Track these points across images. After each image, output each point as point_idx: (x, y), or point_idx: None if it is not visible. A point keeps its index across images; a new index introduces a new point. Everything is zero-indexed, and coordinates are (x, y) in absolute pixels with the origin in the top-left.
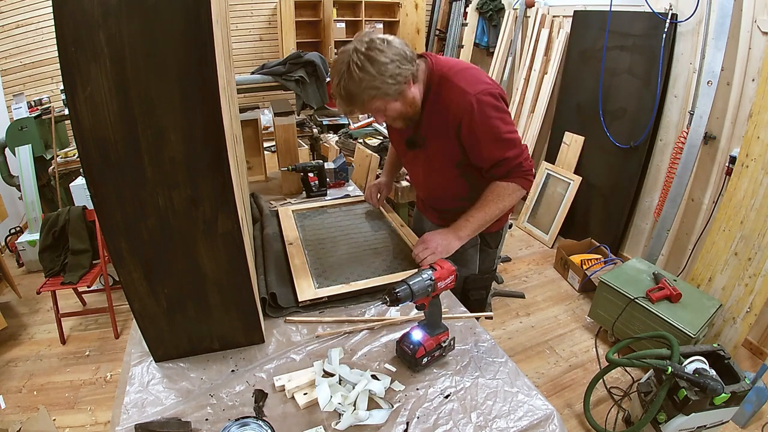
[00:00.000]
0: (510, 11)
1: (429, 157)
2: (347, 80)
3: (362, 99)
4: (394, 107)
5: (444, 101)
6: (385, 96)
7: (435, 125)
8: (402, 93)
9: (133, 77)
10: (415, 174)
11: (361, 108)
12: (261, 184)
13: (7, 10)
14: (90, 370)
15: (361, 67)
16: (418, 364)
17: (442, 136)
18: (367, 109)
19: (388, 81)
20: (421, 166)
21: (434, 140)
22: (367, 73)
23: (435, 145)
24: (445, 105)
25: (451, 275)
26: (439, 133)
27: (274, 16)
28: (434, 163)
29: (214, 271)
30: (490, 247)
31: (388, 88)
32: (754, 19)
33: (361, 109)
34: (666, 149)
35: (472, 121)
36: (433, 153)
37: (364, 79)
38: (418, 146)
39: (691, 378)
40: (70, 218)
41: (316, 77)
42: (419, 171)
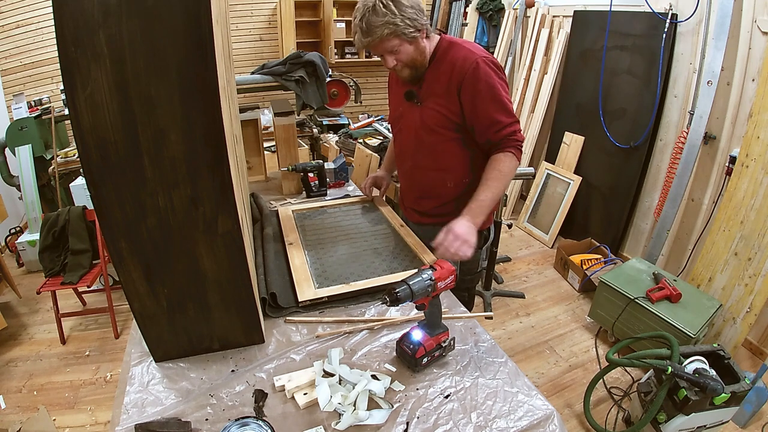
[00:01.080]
0: (510, 11)
1: (424, 117)
2: (371, 14)
3: (381, 33)
4: (406, 50)
5: (450, 60)
6: (401, 35)
7: (437, 82)
8: (416, 39)
9: (133, 77)
10: (405, 141)
11: (378, 43)
12: (261, 184)
13: (7, 10)
14: (90, 370)
15: (386, 5)
16: (418, 364)
17: (442, 94)
18: (382, 46)
19: (407, 22)
20: (414, 128)
21: (433, 97)
22: (390, 11)
23: (433, 102)
24: (451, 63)
25: (451, 275)
26: (440, 91)
27: (274, 16)
28: (428, 121)
29: (214, 271)
30: (478, 248)
31: (406, 29)
32: (754, 19)
33: (377, 44)
34: (666, 149)
35: (476, 77)
36: (430, 111)
37: (387, 14)
38: (416, 100)
39: (691, 378)
40: (70, 218)
41: (316, 77)
42: (410, 136)
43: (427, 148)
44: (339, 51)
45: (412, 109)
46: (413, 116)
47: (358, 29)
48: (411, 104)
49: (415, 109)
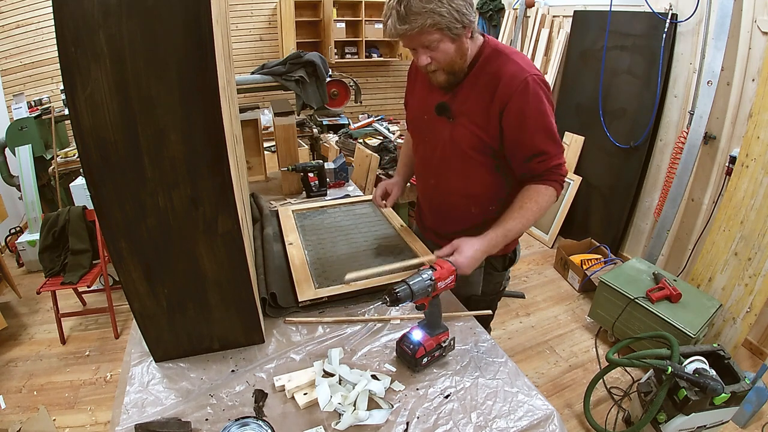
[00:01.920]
0: (510, 11)
1: (455, 136)
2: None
3: (422, 22)
4: (446, 49)
5: (493, 73)
6: (445, 29)
7: (475, 98)
8: (459, 38)
9: (133, 77)
10: (429, 155)
11: (415, 34)
12: (261, 184)
13: (7, 10)
14: (90, 370)
15: None
16: (418, 364)
17: (480, 114)
18: (419, 39)
19: (454, 15)
20: (441, 145)
21: (469, 115)
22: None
23: (467, 121)
24: (494, 76)
25: (451, 275)
26: (477, 109)
27: (274, 16)
28: (461, 142)
29: (214, 271)
30: (496, 270)
31: (452, 23)
32: (754, 19)
33: (413, 34)
34: (666, 149)
35: (524, 100)
36: (463, 131)
37: (433, 1)
38: (447, 116)
39: (691, 378)
40: (70, 218)
41: (316, 77)
42: (436, 152)
43: (454, 170)
44: (339, 51)
45: (441, 123)
46: (442, 132)
47: (393, 12)
48: (442, 118)
49: (445, 125)
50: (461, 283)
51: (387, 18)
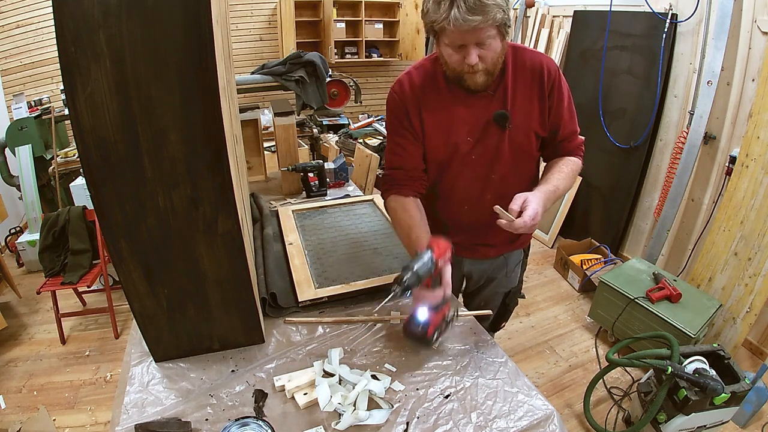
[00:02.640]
0: (510, 11)
1: (516, 141)
2: None
3: (493, 16)
4: (496, 46)
5: (531, 65)
6: (501, 26)
7: (523, 94)
8: (506, 37)
9: (133, 77)
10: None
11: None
12: (261, 184)
13: (7, 10)
14: (90, 370)
15: None
16: (430, 342)
17: (532, 107)
18: (481, 33)
19: (508, 13)
20: (499, 160)
21: (522, 114)
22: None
23: (523, 120)
24: (535, 67)
25: (447, 250)
26: (531, 104)
27: (274, 16)
28: (523, 145)
29: (214, 271)
30: (526, 257)
31: (507, 20)
32: (754, 19)
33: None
34: (666, 149)
35: (560, 83)
36: (522, 132)
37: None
38: (506, 124)
39: (691, 378)
40: (70, 218)
41: (316, 77)
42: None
43: (516, 177)
44: (339, 51)
45: (494, 133)
46: (498, 142)
47: (462, 2)
48: (495, 128)
49: (503, 134)
50: (505, 283)
51: (451, 7)
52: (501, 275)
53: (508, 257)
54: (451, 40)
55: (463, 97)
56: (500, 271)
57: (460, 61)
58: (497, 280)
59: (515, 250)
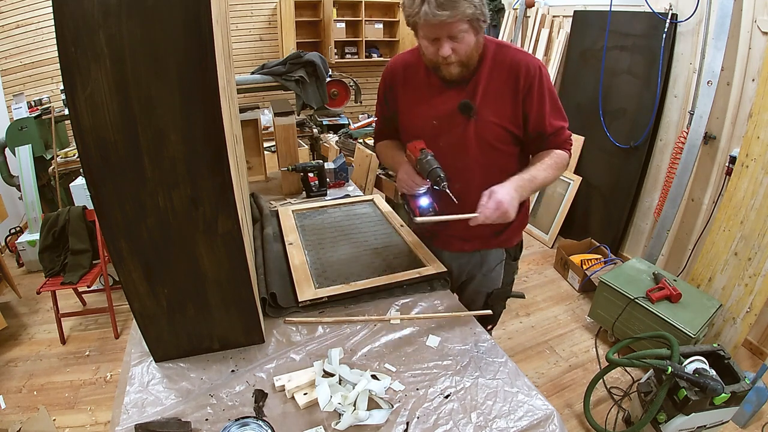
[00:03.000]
0: (510, 11)
1: (481, 132)
2: None
3: (463, 11)
4: (468, 41)
5: (509, 64)
6: (475, 21)
7: (494, 90)
8: (480, 32)
9: (133, 77)
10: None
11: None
12: (261, 184)
13: (7, 10)
14: (90, 370)
15: None
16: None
17: (505, 104)
18: (452, 27)
19: (482, 9)
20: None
21: (491, 108)
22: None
23: (491, 114)
24: (513, 67)
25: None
26: (500, 101)
27: (274, 16)
28: (488, 136)
29: (214, 271)
30: (512, 260)
31: (480, 15)
32: (754, 19)
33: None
34: (666, 149)
35: (541, 83)
36: (489, 125)
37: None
38: (470, 114)
39: (691, 378)
40: (70, 218)
41: (316, 77)
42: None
43: (481, 168)
44: (339, 51)
45: (460, 123)
46: (463, 131)
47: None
48: (461, 117)
49: (467, 124)
50: (486, 282)
51: (423, 2)
52: (480, 274)
53: (485, 255)
54: (425, 33)
55: (438, 85)
56: (478, 269)
57: (435, 52)
58: (477, 278)
59: (494, 248)
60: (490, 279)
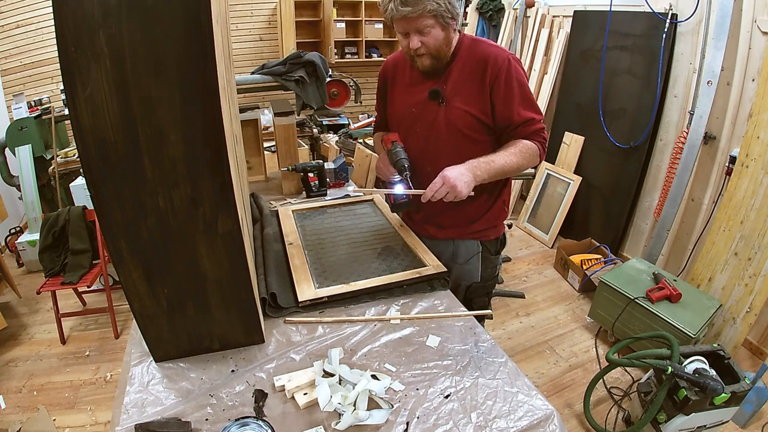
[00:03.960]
0: (510, 11)
1: (450, 118)
2: None
3: (424, 7)
4: (437, 35)
5: (479, 56)
6: (440, 17)
7: (465, 81)
8: (448, 27)
9: (133, 77)
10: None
11: (415, 16)
12: (261, 184)
13: (7, 10)
14: (90, 370)
15: None
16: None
17: (472, 94)
18: (417, 22)
19: (447, 5)
20: (435, 131)
21: (460, 97)
22: None
23: (460, 102)
24: (482, 59)
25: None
26: (468, 91)
27: (274, 16)
28: (456, 122)
29: (214, 271)
30: (491, 254)
31: (445, 12)
32: (754, 19)
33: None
34: (666, 149)
35: (509, 75)
36: (457, 112)
37: None
38: (441, 100)
39: (691, 378)
40: (70, 218)
41: (316, 77)
42: (430, 139)
43: (452, 153)
44: (339, 51)
45: (433, 109)
46: (435, 116)
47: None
48: (433, 104)
49: (438, 110)
50: (462, 274)
51: (389, 0)
52: (455, 265)
53: (458, 244)
54: (397, 28)
55: (419, 77)
56: (453, 260)
57: (407, 45)
58: (454, 270)
59: (467, 239)
60: (467, 271)
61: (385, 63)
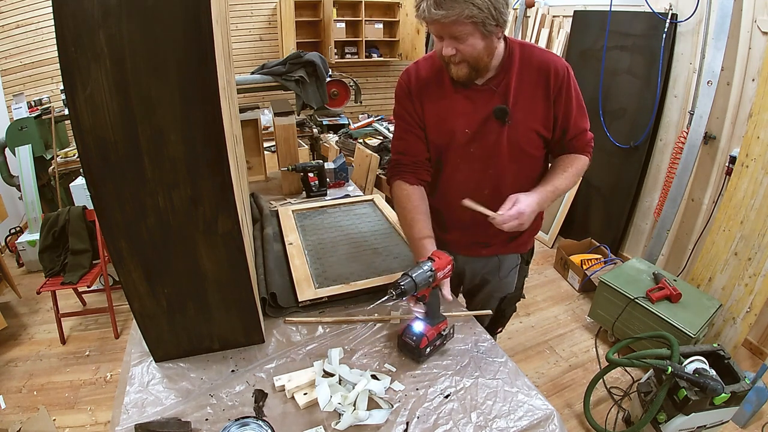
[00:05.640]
0: (510, 11)
1: (515, 138)
2: None
3: (459, 11)
4: (475, 44)
5: (537, 63)
6: (480, 24)
7: (526, 92)
8: (491, 36)
9: (133, 77)
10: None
11: (449, 21)
12: (261, 184)
13: (7, 10)
14: (90, 370)
15: None
16: (422, 354)
17: (536, 108)
18: (452, 27)
19: (492, 11)
20: (496, 153)
21: (524, 112)
22: None
23: (524, 117)
24: (543, 69)
25: (448, 265)
26: (534, 103)
27: (274, 16)
28: (522, 142)
29: (214, 271)
30: (526, 264)
31: (488, 19)
32: (754, 19)
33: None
34: (666, 149)
35: (570, 86)
36: (523, 130)
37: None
38: (505, 119)
39: (691, 378)
40: (70, 218)
41: (316, 77)
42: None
43: (512, 174)
44: (339, 51)
45: (494, 129)
46: (497, 138)
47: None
48: (495, 123)
49: (502, 130)
50: (501, 287)
51: (423, 1)
52: (495, 279)
53: (502, 259)
54: (432, 32)
55: (465, 90)
56: (494, 274)
57: (440, 50)
58: (492, 283)
59: (511, 253)
60: (505, 284)
61: (408, 76)
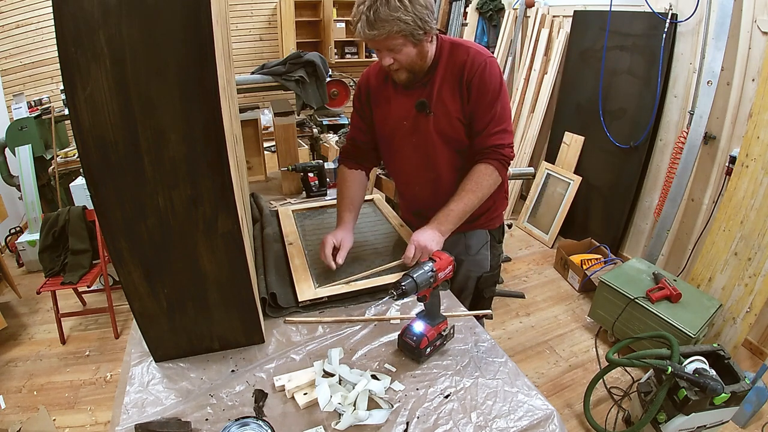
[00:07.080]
0: (510, 11)
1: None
2: (383, 4)
3: (389, 29)
4: (408, 52)
5: (459, 59)
6: (409, 36)
7: (447, 86)
8: (421, 42)
9: (133, 77)
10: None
11: (382, 38)
12: (261, 184)
13: (7, 10)
14: (90, 370)
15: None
16: (422, 354)
17: (455, 98)
18: (385, 42)
19: (418, 22)
20: (429, 141)
21: (444, 103)
22: (403, 5)
23: (443, 109)
24: (461, 61)
25: (449, 265)
26: (452, 95)
27: (274, 16)
28: (444, 127)
29: (214, 271)
30: (497, 242)
31: (415, 30)
32: (754, 19)
33: (380, 39)
34: (666, 149)
35: (483, 75)
36: (441, 119)
37: (400, 9)
38: (427, 110)
39: (691, 378)
40: (70, 218)
41: (316, 77)
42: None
43: (445, 158)
44: (339, 51)
45: (423, 120)
46: (426, 127)
47: (363, 18)
48: (421, 115)
49: (427, 120)
50: (474, 265)
51: (357, 21)
52: (467, 257)
53: (469, 236)
54: (370, 47)
55: (402, 89)
56: (465, 253)
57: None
58: (465, 262)
59: (475, 230)
60: (477, 262)
61: (363, 75)
